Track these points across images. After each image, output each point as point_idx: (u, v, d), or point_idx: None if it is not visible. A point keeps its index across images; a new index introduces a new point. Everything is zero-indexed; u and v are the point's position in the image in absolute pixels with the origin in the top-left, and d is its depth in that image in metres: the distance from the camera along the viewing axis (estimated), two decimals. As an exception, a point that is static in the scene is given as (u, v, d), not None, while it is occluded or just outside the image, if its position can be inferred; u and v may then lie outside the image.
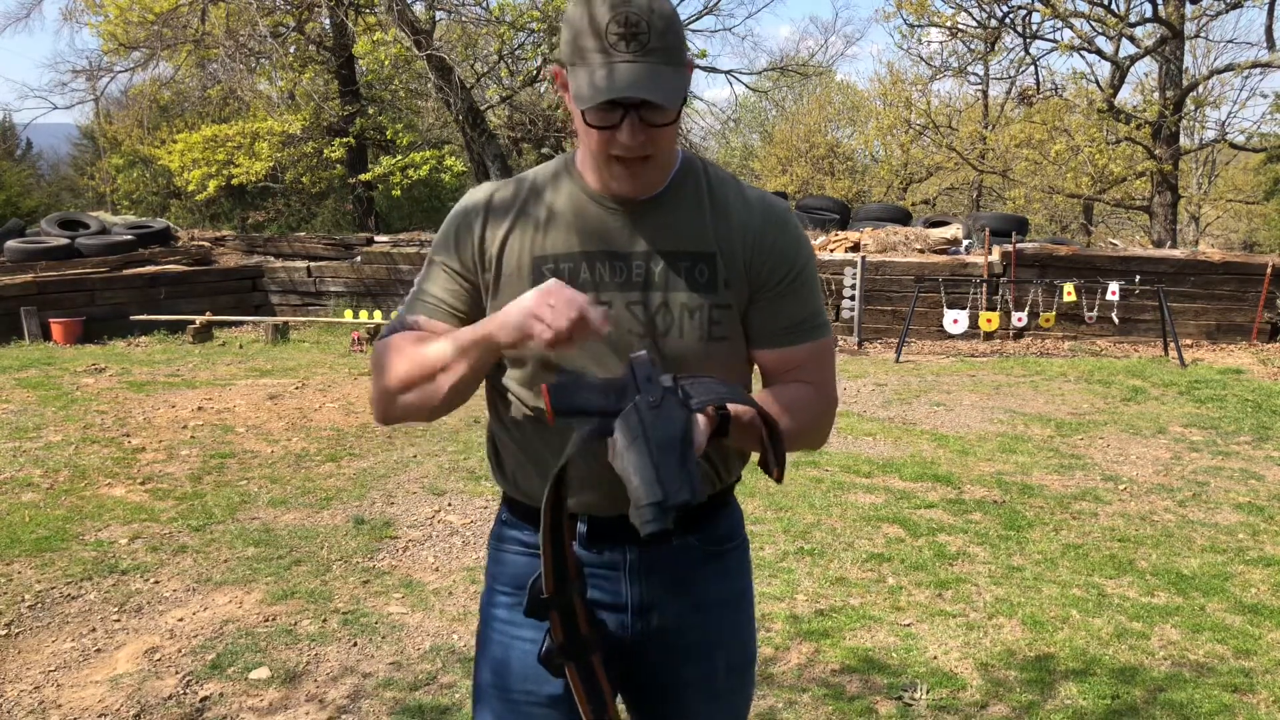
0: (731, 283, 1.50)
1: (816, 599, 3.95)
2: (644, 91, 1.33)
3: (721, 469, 1.60)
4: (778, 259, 1.52)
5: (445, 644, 3.56)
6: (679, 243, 1.49)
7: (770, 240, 1.52)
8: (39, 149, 29.38)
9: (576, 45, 1.36)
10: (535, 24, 15.08)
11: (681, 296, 1.48)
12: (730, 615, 1.65)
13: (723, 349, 1.51)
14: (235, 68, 15.82)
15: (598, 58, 1.34)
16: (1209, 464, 6.01)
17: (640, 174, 1.44)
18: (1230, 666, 3.43)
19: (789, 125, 26.97)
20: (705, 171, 1.55)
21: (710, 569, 1.61)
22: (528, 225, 1.51)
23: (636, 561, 1.56)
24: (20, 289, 10.97)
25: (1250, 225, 25.43)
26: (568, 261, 1.48)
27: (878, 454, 6.19)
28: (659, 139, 1.41)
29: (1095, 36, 16.87)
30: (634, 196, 1.48)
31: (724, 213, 1.51)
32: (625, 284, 1.48)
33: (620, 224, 1.49)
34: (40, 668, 3.40)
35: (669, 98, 1.35)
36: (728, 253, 1.50)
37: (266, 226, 19.91)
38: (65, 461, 5.84)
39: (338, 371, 8.96)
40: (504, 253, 1.51)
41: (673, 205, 1.50)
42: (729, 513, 1.66)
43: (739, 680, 1.68)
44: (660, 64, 1.35)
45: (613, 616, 1.57)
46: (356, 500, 5.20)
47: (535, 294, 1.33)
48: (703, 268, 1.49)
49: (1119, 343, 10.80)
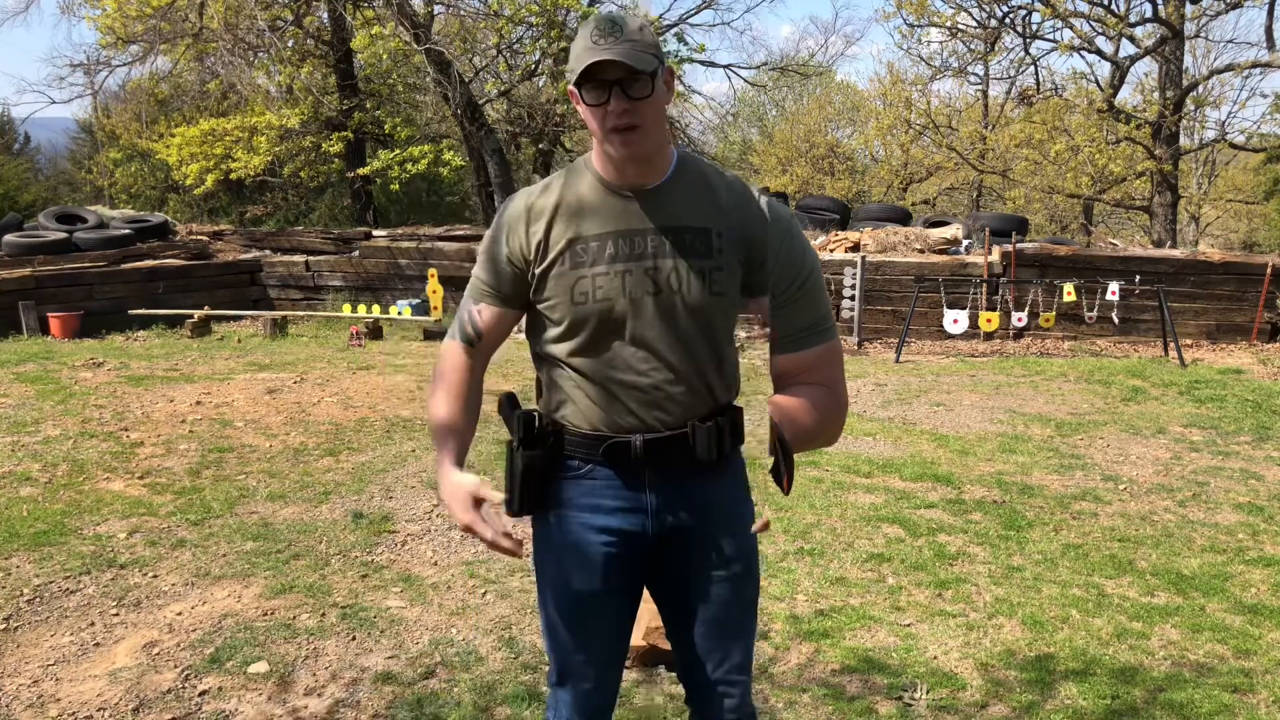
0: (724, 249, 1.89)
1: (816, 599, 3.94)
2: (617, 55, 1.72)
3: (720, 390, 1.96)
4: (785, 264, 1.92)
5: (444, 638, 3.55)
6: (680, 219, 1.88)
7: (777, 246, 1.91)
8: (37, 143, 29.29)
9: (573, 64, 1.77)
10: (534, 18, 15.04)
11: (686, 261, 1.87)
12: (727, 518, 2.01)
13: (722, 302, 1.90)
14: (233, 62, 15.77)
15: (584, 54, 1.75)
16: (1209, 464, 6.01)
17: (633, 141, 1.80)
18: (1230, 666, 3.43)
19: (789, 125, 26.94)
20: (697, 165, 1.95)
21: (708, 482, 1.98)
22: (561, 216, 1.89)
23: (652, 475, 1.94)
24: (18, 283, 10.94)
25: (1250, 225, 25.43)
26: (595, 241, 1.87)
27: (878, 454, 6.19)
28: (643, 110, 1.78)
29: (1095, 36, 16.88)
30: (632, 163, 1.84)
31: (714, 195, 1.91)
32: (642, 254, 1.87)
33: (633, 208, 1.88)
34: (39, 662, 3.39)
35: (639, 63, 1.74)
36: (720, 225, 1.89)
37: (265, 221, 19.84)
38: (63, 456, 5.82)
39: (336, 366, 8.94)
40: (549, 241, 1.89)
41: (673, 192, 1.89)
42: (724, 439, 1.97)
43: (741, 570, 2.03)
44: (632, 49, 1.74)
45: (636, 518, 1.96)
46: (355, 494, 5.19)
47: (449, 500, 1.91)
48: (701, 238, 1.88)
49: (1119, 343, 10.80)
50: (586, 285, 1.86)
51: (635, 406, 1.89)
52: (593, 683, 2.07)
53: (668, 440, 1.90)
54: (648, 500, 1.96)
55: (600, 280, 1.86)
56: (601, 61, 1.74)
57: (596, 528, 1.96)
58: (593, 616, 2.02)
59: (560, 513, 1.99)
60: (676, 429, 1.90)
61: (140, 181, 22.26)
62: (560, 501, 1.99)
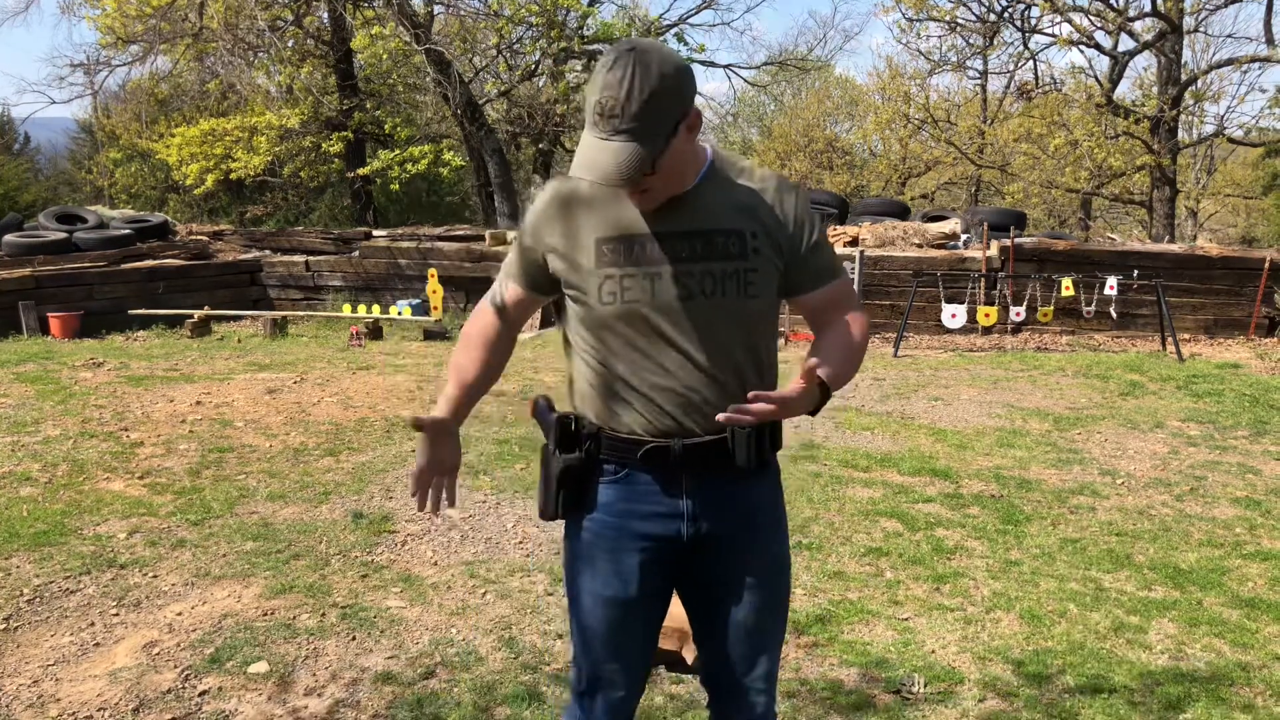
0: (760, 249, 1.87)
1: (814, 593, 3.95)
2: (596, 174, 1.69)
3: (758, 385, 1.91)
4: (798, 221, 1.91)
5: (444, 638, 3.56)
6: (713, 222, 1.85)
7: (788, 207, 1.90)
8: (37, 143, 29.31)
9: (585, 109, 1.74)
10: (534, 18, 15.06)
11: (719, 264, 1.84)
12: (763, 524, 2.00)
13: (757, 305, 1.88)
14: (233, 62, 15.79)
15: (589, 128, 1.71)
16: (1206, 458, 6.02)
17: (644, 200, 1.81)
18: (1227, 660, 3.44)
19: (788, 119, 26.93)
20: (731, 164, 1.92)
21: (746, 488, 1.96)
22: (590, 214, 1.87)
23: (689, 480, 1.92)
24: (18, 283, 10.96)
25: (1248, 220, 25.43)
26: (622, 242, 1.85)
27: (876, 448, 6.20)
28: (652, 180, 1.75)
29: (1094, 31, 16.87)
30: (648, 209, 1.83)
31: (746, 195, 1.88)
32: (674, 258, 1.84)
33: (663, 212, 1.84)
34: (39, 662, 3.40)
35: (621, 177, 1.69)
36: (754, 226, 1.87)
37: (265, 221, 19.86)
38: (63, 456, 5.84)
39: (336, 366, 8.95)
40: (577, 237, 1.87)
41: (705, 194, 1.86)
42: (764, 444, 1.95)
43: (776, 576, 2.03)
44: (628, 141, 1.67)
45: (672, 523, 1.94)
46: (355, 494, 5.20)
47: (422, 459, 2.02)
48: (734, 240, 1.85)
49: (1117, 337, 10.81)
50: (614, 286, 1.84)
51: (673, 410, 1.87)
52: (625, 689, 2.06)
53: (707, 445, 1.87)
54: (684, 505, 1.93)
55: (629, 283, 1.83)
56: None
57: (632, 533, 1.94)
58: (627, 623, 2.00)
59: (595, 518, 1.97)
60: (715, 434, 1.87)
61: (140, 181, 22.28)
62: (596, 506, 1.96)
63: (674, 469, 1.91)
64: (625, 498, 1.94)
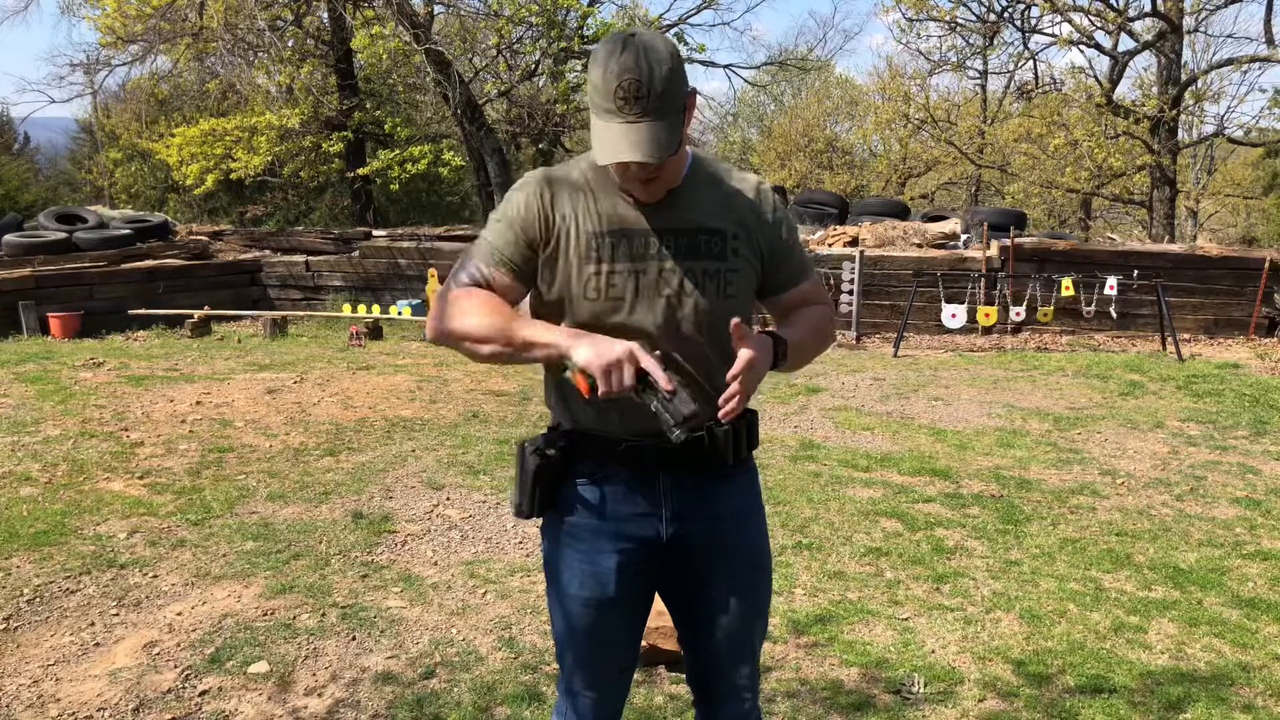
0: (739, 250, 1.88)
1: (814, 593, 3.96)
2: (639, 155, 1.67)
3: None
4: (775, 222, 1.93)
5: (444, 638, 3.56)
6: (695, 222, 1.86)
7: (766, 208, 1.92)
8: (37, 143, 29.32)
9: (594, 99, 1.71)
10: (534, 18, 15.05)
11: (700, 264, 1.85)
12: (742, 524, 2.01)
13: (733, 306, 1.87)
14: (233, 61, 15.77)
15: (607, 117, 1.69)
16: (1206, 458, 6.02)
17: (652, 189, 1.80)
18: (1227, 660, 3.44)
19: (788, 119, 26.93)
20: (710, 166, 1.93)
21: (724, 488, 1.97)
22: (580, 207, 1.84)
23: (667, 480, 1.92)
24: (18, 283, 10.95)
25: (1248, 220, 25.43)
26: (611, 238, 1.83)
27: (875, 448, 6.20)
28: (662, 167, 1.76)
29: (1094, 31, 16.87)
30: (650, 202, 1.83)
31: (726, 196, 1.89)
32: (658, 255, 1.84)
33: (650, 211, 1.84)
34: (39, 662, 3.40)
35: (660, 153, 1.68)
36: (734, 227, 1.88)
37: (265, 221, 19.86)
38: (63, 456, 5.84)
39: (336, 366, 8.95)
40: (565, 227, 1.83)
41: (687, 194, 1.86)
42: (741, 443, 1.96)
43: (755, 577, 2.05)
44: (656, 120, 1.68)
45: (650, 524, 1.93)
46: (355, 494, 5.20)
47: (619, 349, 1.68)
48: (715, 240, 1.86)
49: (1117, 337, 10.81)
50: (598, 282, 1.82)
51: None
52: (605, 691, 2.05)
53: (685, 444, 1.81)
54: (663, 505, 1.92)
55: (615, 279, 1.82)
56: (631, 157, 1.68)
57: (610, 534, 1.92)
58: (606, 624, 1.98)
59: (573, 518, 1.95)
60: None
61: (140, 181, 22.28)
62: (573, 505, 1.94)
63: (651, 469, 1.90)
64: (603, 498, 1.92)
